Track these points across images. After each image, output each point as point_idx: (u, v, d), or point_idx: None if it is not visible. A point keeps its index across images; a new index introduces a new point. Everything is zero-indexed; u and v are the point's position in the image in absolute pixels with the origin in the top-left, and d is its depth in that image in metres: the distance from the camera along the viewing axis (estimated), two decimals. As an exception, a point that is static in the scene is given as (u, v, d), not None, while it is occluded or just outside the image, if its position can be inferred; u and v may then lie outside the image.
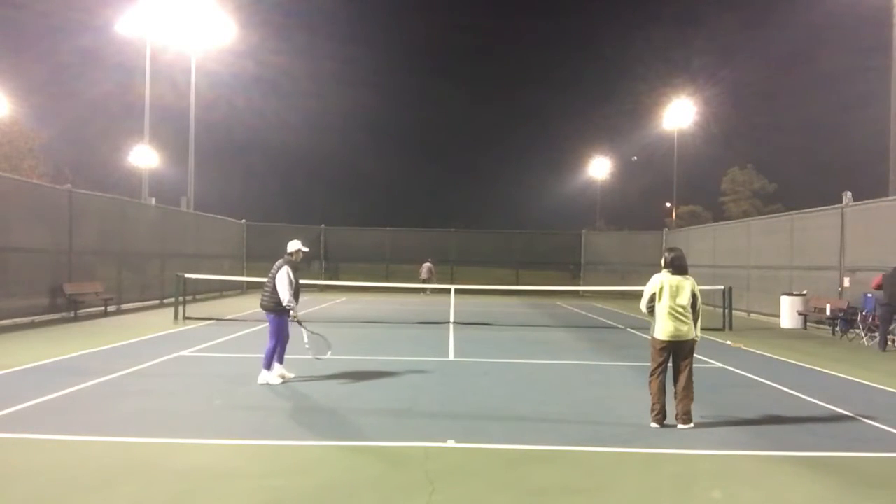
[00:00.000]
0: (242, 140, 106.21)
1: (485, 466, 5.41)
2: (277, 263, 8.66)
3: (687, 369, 6.69)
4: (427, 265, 30.77)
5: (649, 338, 6.95)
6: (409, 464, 5.39)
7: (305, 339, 9.05)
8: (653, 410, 6.68)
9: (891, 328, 13.95)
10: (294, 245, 8.89)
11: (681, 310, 6.61)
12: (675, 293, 6.64)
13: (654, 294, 6.71)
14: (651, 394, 6.73)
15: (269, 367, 8.56)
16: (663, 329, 6.65)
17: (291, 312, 8.60)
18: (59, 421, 6.54)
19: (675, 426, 6.62)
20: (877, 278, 13.52)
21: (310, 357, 9.15)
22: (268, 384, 8.42)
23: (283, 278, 8.47)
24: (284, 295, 8.45)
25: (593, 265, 33.66)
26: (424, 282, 29.64)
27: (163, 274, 21.56)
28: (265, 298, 8.65)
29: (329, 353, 9.41)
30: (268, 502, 4.56)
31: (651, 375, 6.75)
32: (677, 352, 6.69)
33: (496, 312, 21.10)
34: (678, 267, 6.73)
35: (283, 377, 8.64)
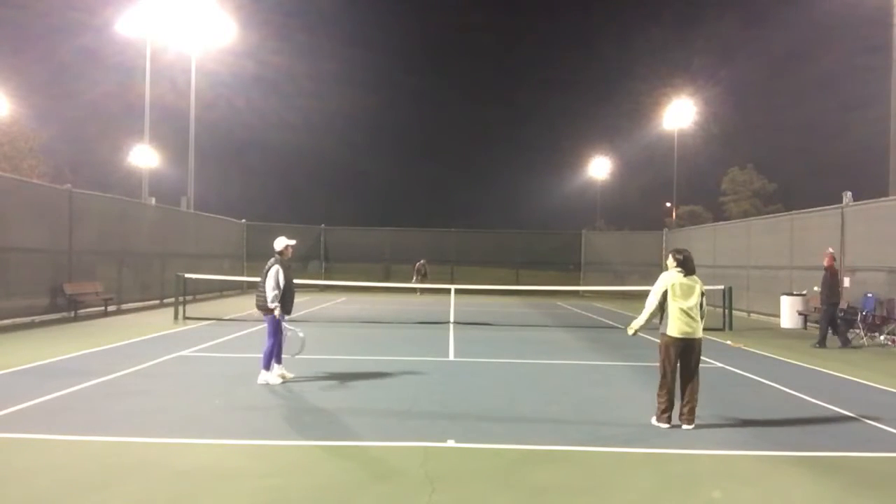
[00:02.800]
0: (242, 140, 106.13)
1: (485, 466, 5.41)
2: (268, 263, 8.57)
3: (696, 370, 6.70)
4: (419, 263, 30.63)
5: (657, 339, 6.88)
6: (409, 464, 5.38)
7: (287, 335, 8.84)
8: (660, 411, 6.67)
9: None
10: (281, 242, 8.71)
11: (691, 309, 6.64)
12: (685, 293, 6.68)
13: (666, 291, 6.72)
14: (658, 395, 6.72)
15: (268, 367, 8.54)
16: (675, 327, 6.65)
17: (276, 312, 8.50)
18: (59, 421, 6.54)
19: (677, 426, 6.61)
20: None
21: (309, 357, 9.14)
22: (267, 384, 8.41)
23: (270, 279, 8.43)
24: (269, 295, 8.43)
25: (593, 265, 33.65)
26: (418, 279, 29.54)
27: (163, 274, 21.54)
28: (260, 298, 8.62)
29: (302, 352, 9.07)
30: (268, 502, 4.56)
31: (662, 378, 6.71)
32: (687, 351, 6.69)
33: (496, 312, 21.09)
34: (689, 268, 6.79)
35: (282, 377, 8.63)
